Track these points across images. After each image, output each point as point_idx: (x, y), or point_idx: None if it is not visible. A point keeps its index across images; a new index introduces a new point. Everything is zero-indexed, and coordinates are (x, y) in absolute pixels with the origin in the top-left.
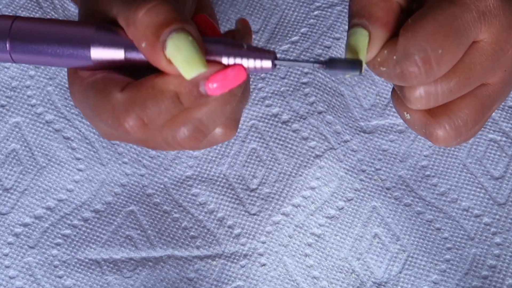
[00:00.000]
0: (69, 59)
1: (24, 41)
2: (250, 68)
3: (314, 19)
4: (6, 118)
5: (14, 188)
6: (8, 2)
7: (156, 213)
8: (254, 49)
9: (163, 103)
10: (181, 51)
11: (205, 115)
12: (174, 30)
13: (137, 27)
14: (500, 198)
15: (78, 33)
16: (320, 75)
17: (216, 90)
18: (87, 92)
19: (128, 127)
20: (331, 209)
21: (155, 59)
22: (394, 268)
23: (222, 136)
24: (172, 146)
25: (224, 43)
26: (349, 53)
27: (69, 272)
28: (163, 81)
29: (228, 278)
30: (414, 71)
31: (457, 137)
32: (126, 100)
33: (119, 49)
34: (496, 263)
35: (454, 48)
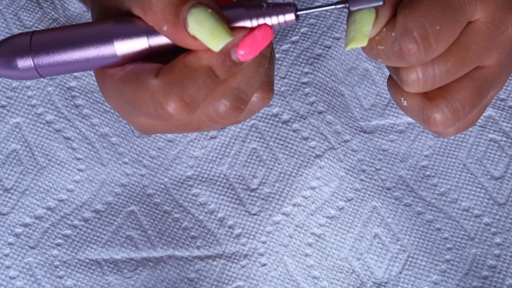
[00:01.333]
0: (96, 60)
1: (47, 53)
2: (274, 26)
3: (314, 19)
4: (7, 119)
5: (14, 188)
6: (9, 3)
7: (156, 213)
8: (275, 6)
9: (200, 78)
10: (204, 25)
11: (241, 82)
12: (192, 6)
13: (155, 11)
14: (500, 198)
15: (98, 31)
16: (320, 75)
17: (247, 55)
18: (121, 87)
19: (172, 110)
20: (331, 209)
21: (179, 39)
22: (394, 268)
23: (260, 101)
24: (216, 120)
25: (244, 7)
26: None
27: (69, 273)
28: (195, 58)
29: (229, 278)
30: (413, 48)
31: (455, 121)
32: (164, 84)
33: (142, 38)
34: (496, 263)
35: (451, 25)
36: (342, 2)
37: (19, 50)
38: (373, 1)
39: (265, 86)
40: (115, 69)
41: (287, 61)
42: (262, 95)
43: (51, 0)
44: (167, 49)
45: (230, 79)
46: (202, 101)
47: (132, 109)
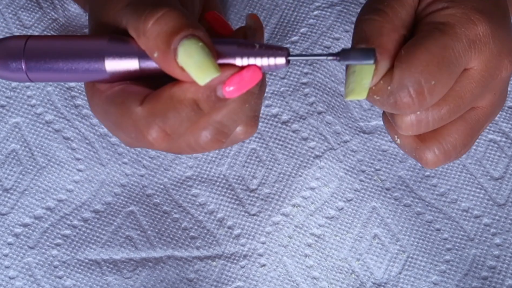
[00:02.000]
0: (85, 74)
1: (39, 60)
2: (264, 67)
3: (314, 19)
4: (6, 119)
5: (14, 188)
6: (8, 3)
7: (156, 213)
8: (267, 47)
9: (183, 112)
10: (193, 57)
11: (225, 117)
12: (184, 37)
13: (148, 37)
14: (500, 199)
15: (91, 46)
16: (320, 75)
17: (233, 93)
18: (107, 106)
19: (152, 139)
20: (331, 209)
21: (168, 68)
22: (394, 269)
23: (243, 134)
24: (196, 150)
25: (237, 44)
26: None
27: (69, 273)
28: (180, 90)
29: (228, 279)
30: (408, 101)
31: (446, 161)
32: (147, 114)
33: (133, 59)
34: (496, 264)
35: (446, 78)
36: (334, 54)
37: (12, 52)
38: (364, 59)
39: (250, 121)
40: (104, 86)
41: None
42: (245, 129)
43: (50, 0)
44: (157, 74)
45: (214, 112)
46: (184, 132)
47: (116, 129)
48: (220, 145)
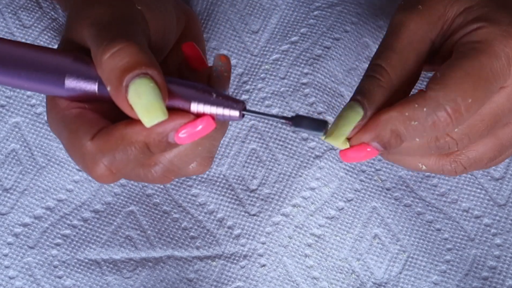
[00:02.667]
0: (44, 87)
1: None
2: (218, 115)
3: (314, 19)
4: (6, 119)
5: (13, 188)
6: (8, 2)
7: (156, 213)
8: (224, 97)
9: (132, 153)
10: (142, 97)
11: (176, 157)
12: (136, 76)
13: (103, 69)
14: (500, 199)
15: (54, 62)
16: (320, 76)
17: (185, 140)
18: (61, 128)
19: (97, 176)
20: (331, 210)
21: (119, 103)
22: (394, 269)
23: (194, 171)
24: (145, 181)
25: (195, 88)
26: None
27: (68, 272)
28: (133, 131)
29: (228, 279)
30: (446, 120)
31: (471, 170)
32: (95, 150)
33: (93, 83)
34: (496, 264)
35: (483, 96)
36: (288, 118)
37: None
38: (315, 129)
39: (203, 161)
40: (63, 103)
41: (286, 62)
42: (198, 168)
43: (50, 0)
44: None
45: (166, 153)
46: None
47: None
48: (168, 181)
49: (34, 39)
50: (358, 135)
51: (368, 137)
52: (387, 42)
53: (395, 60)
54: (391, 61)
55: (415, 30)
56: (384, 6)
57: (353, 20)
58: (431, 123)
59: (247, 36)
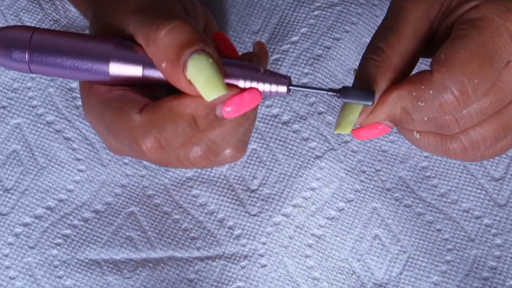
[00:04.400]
0: (87, 73)
1: (43, 53)
2: (265, 92)
3: (314, 19)
4: (7, 120)
5: (14, 188)
6: (10, 4)
7: (156, 214)
8: (270, 74)
9: (180, 126)
10: (202, 73)
11: (218, 136)
12: (195, 52)
13: (158, 46)
14: (501, 199)
15: (97, 48)
16: (320, 76)
17: (232, 113)
18: (103, 109)
19: (145, 149)
20: (331, 210)
21: (175, 79)
22: (394, 269)
23: (231, 157)
24: (183, 164)
25: (242, 66)
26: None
27: (69, 273)
28: (181, 104)
29: (229, 279)
30: (453, 102)
31: (476, 152)
32: (144, 123)
33: (138, 66)
34: (496, 265)
35: (490, 74)
36: (335, 90)
37: (17, 42)
38: (363, 99)
39: (239, 145)
40: (102, 88)
41: (287, 62)
42: (234, 153)
43: (52, 1)
44: (159, 84)
45: (209, 130)
46: (177, 146)
47: (108, 133)
48: (208, 162)
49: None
50: (370, 117)
51: (380, 117)
52: (384, 24)
53: (394, 40)
54: (389, 41)
55: (413, 10)
56: (384, 6)
57: (353, 20)
58: (438, 106)
59: (247, 37)
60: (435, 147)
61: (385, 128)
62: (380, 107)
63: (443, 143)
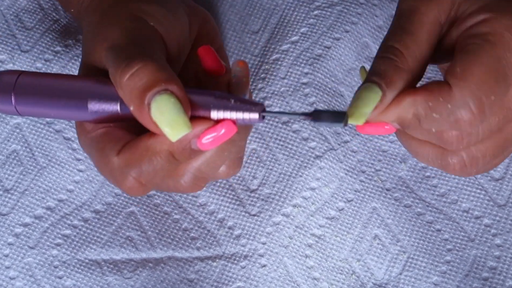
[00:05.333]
0: (70, 113)
1: (27, 96)
2: (239, 120)
3: (314, 19)
4: (7, 120)
5: (14, 188)
6: (10, 4)
7: (156, 214)
8: (243, 101)
9: (158, 163)
10: (164, 114)
11: (203, 164)
12: (156, 93)
13: (123, 91)
14: (501, 199)
15: (76, 87)
16: (320, 76)
17: (208, 146)
18: (90, 148)
19: (127, 189)
20: (331, 210)
21: (143, 121)
22: (394, 270)
23: (225, 175)
24: (176, 191)
25: (213, 96)
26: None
27: (69, 273)
28: (156, 141)
29: (229, 279)
30: (469, 118)
31: (474, 168)
32: (122, 165)
33: (115, 103)
34: (496, 265)
35: (504, 90)
36: (307, 114)
37: (3, 87)
38: (335, 122)
39: (231, 164)
40: (89, 126)
41: (286, 62)
42: (228, 171)
43: (52, 1)
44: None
45: (192, 161)
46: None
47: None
48: (199, 189)
49: (36, 41)
50: (381, 115)
51: (390, 118)
52: (399, 25)
53: (410, 42)
54: (406, 43)
55: (427, 13)
56: (384, 6)
57: (353, 20)
58: (453, 120)
59: (247, 37)
60: (434, 160)
61: (391, 129)
62: (393, 108)
63: (444, 157)
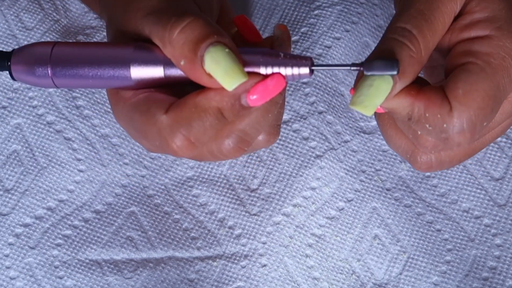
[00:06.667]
0: (110, 81)
1: (65, 66)
2: (288, 76)
3: (315, 18)
4: (8, 120)
5: (15, 188)
6: (10, 4)
7: (157, 214)
8: (291, 57)
9: (208, 120)
10: (220, 63)
11: (248, 125)
12: (210, 44)
13: (174, 46)
14: (500, 199)
15: (117, 54)
16: (321, 75)
17: (257, 101)
18: (131, 114)
19: (176, 147)
20: (331, 210)
21: (195, 75)
22: (394, 269)
23: (265, 142)
24: (218, 157)
25: (261, 53)
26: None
27: (69, 273)
28: (205, 98)
29: (229, 279)
30: (460, 140)
31: (438, 168)
32: (171, 122)
33: (159, 67)
34: (496, 265)
35: (494, 115)
36: (358, 65)
37: (38, 58)
38: (387, 69)
39: (272, 130)
40: (128, 93)
41: None
42: (268, 138)
43: (52, 1)
44: (182, 81)
45: (238, 121)
46: (208, 140)
47: (140, 136)
48: (242, 152)
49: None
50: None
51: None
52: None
53: (427, 30)
54: (423, 30)
55: (445, 2)
56: (385, 6)
57: (353, 19)
58: (443, 138)
59: None
60: (404, 152)
61: (379, 110)
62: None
63: (413, 154)
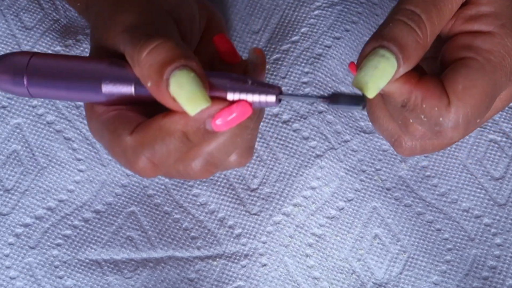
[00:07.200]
0: (83, 95)
1: (40, 77)
2: (254, 103)
3: (315, 18)
4: (8, 120)
5: (15, 188)
6: (10, 4)
7: (157, 213)
8: (259, 84)
9: (172, 143)
10: (183, 88)
11: (215, 149)
12: (176, 68)
13: (141, 67)
14: (501, 199)
15: (90, 68)
16: (321, 75)
17: (222, 127)
18: (101, 130)
19: (139, 169)
20: (331, 209)
21: (161, 97)
22: (394, 269)
23: (236, 164)
24: (185, 177)
25: (229, 78)
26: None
27: (69, 273)
28: (170, 121)
29: (229, 278)
30: (452, 136)
31: (419, 154)
32: (135, 144)
33: (130, 85)
34: (496, 264)
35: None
36: (325, 97)
37: (16, 68)
38: (353, 105)
39: (243, 153)
40: (101, 108)
41: (287, 61)
42: (239, 160)
43: (52, 1)
44: (152, 101)
45: (204, 144)
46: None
47: (109, 153)
48: (210, 175)
49: (36, 41)
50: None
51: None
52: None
53: (435, 16)
54: (431, 16)
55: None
56: (385, 5)
57: (353, 19)
58: (437, 131)
59: (248, 37)
60: (389, 136)
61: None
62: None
63: (399, 139)
